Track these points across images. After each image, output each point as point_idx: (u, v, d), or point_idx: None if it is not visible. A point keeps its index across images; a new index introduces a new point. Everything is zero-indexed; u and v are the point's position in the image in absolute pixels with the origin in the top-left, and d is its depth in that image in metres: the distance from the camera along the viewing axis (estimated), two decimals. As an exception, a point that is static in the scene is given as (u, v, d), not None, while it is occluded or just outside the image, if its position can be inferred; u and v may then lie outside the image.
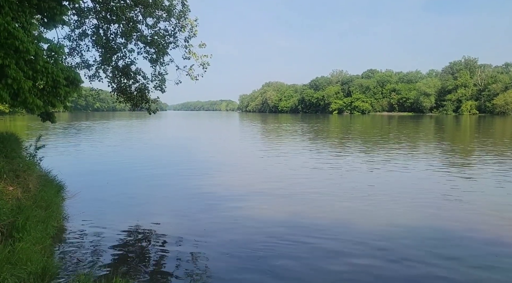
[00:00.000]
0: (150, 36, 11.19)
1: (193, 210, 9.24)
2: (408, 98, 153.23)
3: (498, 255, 6.50)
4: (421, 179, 13.31)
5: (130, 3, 10.65)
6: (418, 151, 22.32)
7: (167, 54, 11.83)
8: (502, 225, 8.18)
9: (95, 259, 6.13)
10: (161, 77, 12.19)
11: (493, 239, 7.31)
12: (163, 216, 8.76)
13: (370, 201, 10.13)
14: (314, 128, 47.03)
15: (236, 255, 6.42)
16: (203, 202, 9.95)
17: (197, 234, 7.46)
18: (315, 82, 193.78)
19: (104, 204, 9.74)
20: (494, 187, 11.93)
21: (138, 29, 11.03)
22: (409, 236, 7.45)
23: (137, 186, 12.11)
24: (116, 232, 7.47)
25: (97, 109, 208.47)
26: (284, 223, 8.21)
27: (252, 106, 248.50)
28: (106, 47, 11.43)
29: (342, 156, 19.72)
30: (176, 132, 41.91)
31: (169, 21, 11.11)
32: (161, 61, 11.89)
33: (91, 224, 7.91)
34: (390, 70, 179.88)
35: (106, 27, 11.40)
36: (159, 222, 8.27)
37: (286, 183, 12.50)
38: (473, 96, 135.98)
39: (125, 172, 14.55)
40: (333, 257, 6.39)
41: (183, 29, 11.33)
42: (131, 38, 11.03)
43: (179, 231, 7.68)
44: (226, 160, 18.62)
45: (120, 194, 10.92)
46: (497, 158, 18.67)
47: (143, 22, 11.06)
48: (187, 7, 11.21)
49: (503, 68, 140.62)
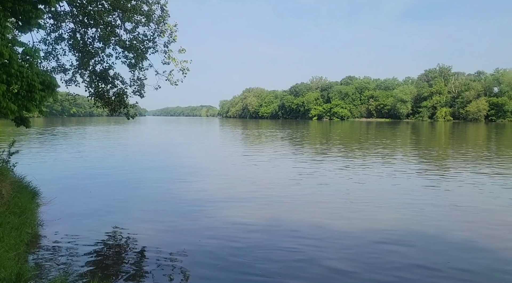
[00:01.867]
0: (129, 41, 11.10)
1: (171, 216, 9.20)
2: (386, 105, 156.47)
3: (476, 257, 6.74)
4: (399, 184, 13.63)
5: (108, 8, 10.57)
6: (396, 156, 22.83)
7: (146, 59, 11.76)
8: (481, 227, 8.47)
9: (71, 266, 6.04)
10: (140, 82, 12.09)
11: (472, 240, 7.57)
12: (141, 222, 8.68)
13: (349, 206, 10.31)
14: (295, 134, 47.41)
15: (215, 261, 6.44)
16: (182, 208, 9.92)
17: (176, 240, 7.44)
18: (295, 88, 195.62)
19: (81, 210, 9.57)
20: (472, 190, 12.33)
21: (116, 33, 10.94)
22: (387, 240, 7.62)
23: (115, 192, 11.96)
24: (92, 238, 7.37)
25: (74, 115, 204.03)
26: (263, 228, 8.27)
27: (232, 112, 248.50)
28: (83, 52, 11.28)
29: (323, 161, 19.98)
30: (155, 138, 41.48)
31: (148, 26, 11.06)
32: (140, 66, 11.80)
33: (67, 230, 7.78)
34: (368, 77, 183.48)
35: (83, 31, 11.26)
36: (137, 228, 8.19)
37: (266, 189, 12.59)
38: (448, 103, 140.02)
39: (103, 178, 14.33)
40: (312, 261, 6.47)
41: (163, 34, 11.30)
42: (109, 43, 10.92)
43: (158, 237, 7.63)
44: (206, 165, 18.58)
45: (97, 199, 10.76)
46: (472, 162, 19.30)
47: (122, 26, 10.98)
48: (167, 12, 11.20)
49: (476, 76, 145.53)
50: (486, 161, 19.89)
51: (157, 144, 32.44)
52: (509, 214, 9.56)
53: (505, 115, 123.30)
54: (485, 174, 15.54)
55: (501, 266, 6.25)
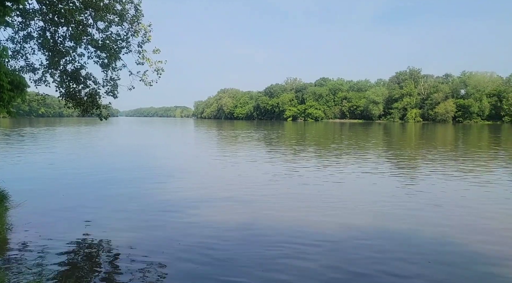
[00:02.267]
0: (101, 40, 10.89)
1: (146, 218, 9.09)
2: (359, 106, 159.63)
3: (443, 251, 7.01)
4: (375, 183, 13.96)
5: (80, 6, 10.33)
6: (371, 156, 23.35)
7: (120, 59, 11.56)
8: (449, 225, 8.80)
9: (42, 271, 5.88)
10: (113, 83, 11.87)
11: (447, 235, 7.86)
12: (116, 224, 8.53)
13: (326, 205, 10.48)
14: (270, 135, 47.65)
15: (190, 262, 6.42)
16: (157, 210, 9.81)
17: (152, 242, 7.36)
18: (270, 89, 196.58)
19: (52, 213, 9.31)
20: (444, 187, 12.78)
21: (88, 32, 10.71)
22: (361, 237, 7.81)
23: (88, 194, 11.69)
24: (65, 242, 7.20)
25: (42, 115, 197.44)
26: (240, 228, 8.31)
27: (207, 113, 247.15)
28: (54, 51, 10.97)
29: (299, 162, 20.19)
30: (129, 139, 40.73)
31: (122, 26, 10.89)
32: (113, 66, 11.59)
33: (36, 234, 7.56)
34: (341, 79, 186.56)
35: (53, 29, 10.94)
36: (112, 231, 8.05)
37: (243, 189, 12.62)
38: (417, 105, 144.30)
39: (75, 180, 13.97)
40: (291, 260, 6.55)
41: (136, 34, 11.14)
42: (81, 42, 10.67)
43: (131, 240, 7.53)
44: (181, 166, 18.42)
45: (69, 202, 10.48)
46: (442, 161, 20.01)
47: (94, 25, 10.76)
48: (141, 12, 11.05)
49: (444, 78, 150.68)
50: (455, 160, 20.66)
51: (131, 145, 31.88)
52: (481, 210, 9.97)
53: (471, 116, 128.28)
54: (455, 172, 16.15)
55: (476, 258, 6.54)
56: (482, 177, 15.02)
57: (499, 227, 8.55)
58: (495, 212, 9.74)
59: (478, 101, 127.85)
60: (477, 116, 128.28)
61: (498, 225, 8.73)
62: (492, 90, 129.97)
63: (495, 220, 9.07)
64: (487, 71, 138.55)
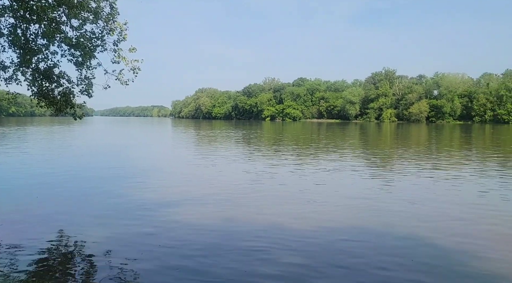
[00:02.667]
0: (75, 38, 10.62)
1: (121, 219, 8.93)
2: (336, 106, 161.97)
3: (414, 247, 7.20)
4: (354, 183, 14.19)
5: (53, 3, 10.04)
6: (349, 156, 23.69)
7: (95, 57, 11.32)
8: (418, 226, 9.04)
9: (11, 272, 5.70)
10: (88, 82, 11.60)
11: (427, 235, 8.07)
12: (92, 227, 8.33)
13: (305, 205, 10.57)
14: (249, 135, 47.69)
15: (167, 264, 6.36)
16: (132, 211, 9.65)
17: (126, 244, 7.24)
18: (248, 89, 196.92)
19: (25, 215, 9.02)
20: (421, 186, 13.12)
21: (61, 30, 10.43)
22: (340, 236, 7.93)
23: (61, 195, 11.38)
24: (37, 246, 6.98)
25: (13, 114, 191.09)
26: (220, 229, 8.27)
27: (185, 113, 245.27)
28: (25, 48, 10.62)
29: (278, 161, 20.29)
30: (104, 139, 39.93)
31: (97, 24, 10.65)
32: (87, 65, 11.33)
33: (8, 238, 7.30)
34: (319, 79, 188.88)
35: (25, 27, 10.60)
36: (86, 232, 7.86)
37: (223, 189, 12.58)
38: (393, 105, 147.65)
39: (49, 181, 13.58)
40: (271, 260, 6.57)
41: (112, 33, 10.92)
42: (54, 40, 10.37)
43: (107, 241, 7.38)
44: (159, 167, 18.20)
45: (42, 203, 10.20)
46: (416, 159, 20.53)
47: (68, 23, 10.49)
48: (116, 10, 10.84)
49: (417, 79, 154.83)
50: (429, 159, 21.24)
51: (106, 145, 31.26)
52: (457, 208, 10.27)
53: (444, 116, 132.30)
54: (429, 170, 16.59)
55: (447, 253, 6.74)
56: (455, 175, 15.50)
57: (473, 224, 8.83)
58: (468, 208, 10.06)
59: (450, 101, 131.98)
60: (449, 117, 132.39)
61: (472, 221, 9.02)
62: (464, 91, 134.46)
63: (468, 215, 9.37)
64: (458, 73, 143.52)
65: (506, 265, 6.48)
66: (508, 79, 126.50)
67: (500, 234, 8.12)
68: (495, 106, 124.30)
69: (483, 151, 27.41)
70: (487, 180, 14.48)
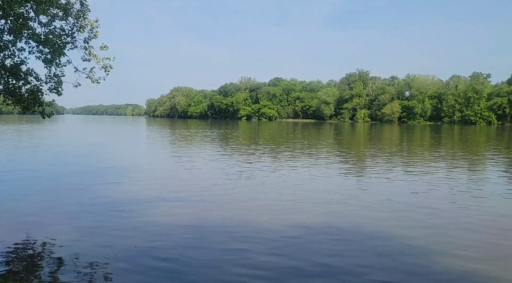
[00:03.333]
0: (44, 35, 10.35)
1: (93, 220, 8.76)
2: (311, 106, 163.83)
3: (386, 245, 7.42)
4: (329, 182, 14.40)
5: (20, -2, 9.76)
6: (324, 155, 24.02)
7: (64, 54, 11.07)
8: (393, 224, 9.29)
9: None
10: (57, 79, 11.34)
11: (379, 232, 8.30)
12: (60, 228, 8.14)
13: (277, 202, 10.67)
14: (225, 134, 47.57)
15: (141, 265, 6.30)
16: (104, 211, 9.48)
17: (98, 245, 7.12)
18: (224, 88, 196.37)
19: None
20: (388, 183, 13.46)
21: (29, 26, 10.14)
22: (312, 233, 8.05)
23: (32, 196, 11.02)
24: (3, 246, 6.78)
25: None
26: (192, 228, 8.25)
27: (160, 112, 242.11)
28: (-10, 44, 10.29)
29: (254, 161, 20.35)
30: (75, 138, 38.90)
31: (66, 21, 10.42)
32: (57, 62, 11.07)
33: (-30, 241, 7.05)
34: (294, 79, 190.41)
35: (-10, 22, 10.26)
36: (54, 234, 7.68)
37: (198, 189, 12.52)
38: (366, 106, 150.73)
39: (17, 182, 13.13)
40: (242, 257, 6.62)
41: (82, 30, 10.72)
42: (21, 36, 10.08)
43: (78, 243, 7.22)
44: (133, 167, 17.90)
45: (10, 204, 9.86)
46: (388, 159, 21.06)
47: (36, 19, 10.21)
48: (87, 6, 10.65)
49: (390, 80, 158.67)
50: (402, 158, 21.83)
51: (78, 144, 30.46)
52: (428, 204, 10.61)
53: (415, 117, 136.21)
54: (402, 169, 17.06)
55: (416, 250, 6.97)
56: (429, 173, 16.01)
57: (447, 221, 9.14)
58: (441, 205, 10.42)
59: (421, 102, 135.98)
60: (420, 117, 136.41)
61: (445, 218, 9.34)
62: (434, 92, 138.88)
63: (443, 213, 9.71)
64: (429, 75, 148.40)
65: (486, 263, 6.77)
66: (475, 81, 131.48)
67: (475, 231, 8.45)
68: (463, 107, 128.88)
69: (453, 151, 28.41)
70: (457, 177, 15.04)
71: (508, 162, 21.52)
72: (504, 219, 9.40)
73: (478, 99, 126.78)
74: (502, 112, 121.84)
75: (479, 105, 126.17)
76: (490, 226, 8.80)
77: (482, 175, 16.28)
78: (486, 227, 8.74)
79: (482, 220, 9.23)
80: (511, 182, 14.66)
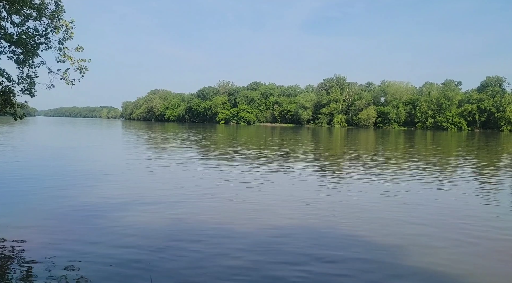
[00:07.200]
0: (17, 35, 10.15)
1: (66, 222, 8.62)
2: (289, 111, 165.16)
3: (356, 244, 7.62)
4: (302, 181, 14.61)
5: (-8, -3, 9.56)
6: (301, 158, 24.30)
7: (38, 55, 10.87)
8: (371, 229, 9.54)
9: None
10: (30, 80, 11.12)
11: (351, 234, 8.52)
12: (30, 230, 7.97)
13: (254, 205, 10.77)
14: (203, 138, 47.36)
15: (113, 269, 6.26)
16: (76, 215, 9.34)
17: (70, 249, 7.02)
18: (202, 92, 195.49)
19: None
20: (364, 186, 13.77)
21: (1, 26, 9.93)
22: (289, 235, 8.19)
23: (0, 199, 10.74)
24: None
25: None
26: (165, 231, 8.24)
27: (136, 114, 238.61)
28: (-41, 43, 10.01)
29: (231, 164, 20.39)
30: (47, 141, 37.90)
31: (40, 21, 10.25)
32: (30, 63, 10.87)
33: None
34: (273, 84, 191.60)
35: (-41, 20, 9.98)
36: (24, 238, 7.52)
37: (173, 192, 12.47)
38: (343, 111, 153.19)
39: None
40: (220, 258, 6.68)
41: (57, 31, 10.56)
42: (-8, 36, 9.87)
43: (48, 247, 7.10)
44: (107, 170, 17.62)
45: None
46: (364, 162, 21.53)
47: (8, 19, 10.00)
48: (62, 7, 10.50)
49: (366, 86, 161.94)
50: (377, 162, 22.34)
51: (49, 147, 29.71)
52: (404, 205, 10.93)
53: (390, 122, 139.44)
54: (376, 172, 17.48)
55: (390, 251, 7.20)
56: (401, 174, 16.47)
57: (424, 222, 9.46)
58: (417, 206, 10.77)
59: (396, 108, 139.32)
60: (395, 123, 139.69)
61: (423, 219, 9.66)
62: (408, 98, 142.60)
63: (420, 214, 10.04)
64: (403, 81, 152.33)
65: (464, 263, 7.06)
66: (447, 88, 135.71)
67: (455, 228, 8.78)
68: (436, 113, 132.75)
69: (425, 155, 29.28)
70: (430, 179, 15.55)
71: (476, 167, 22.37)
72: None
73: (450, 105, 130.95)
74: (472, 119, 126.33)
75: (451, 112, 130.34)
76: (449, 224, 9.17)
77: (453, 178, 16.89)
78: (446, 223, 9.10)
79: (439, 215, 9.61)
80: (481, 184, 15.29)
